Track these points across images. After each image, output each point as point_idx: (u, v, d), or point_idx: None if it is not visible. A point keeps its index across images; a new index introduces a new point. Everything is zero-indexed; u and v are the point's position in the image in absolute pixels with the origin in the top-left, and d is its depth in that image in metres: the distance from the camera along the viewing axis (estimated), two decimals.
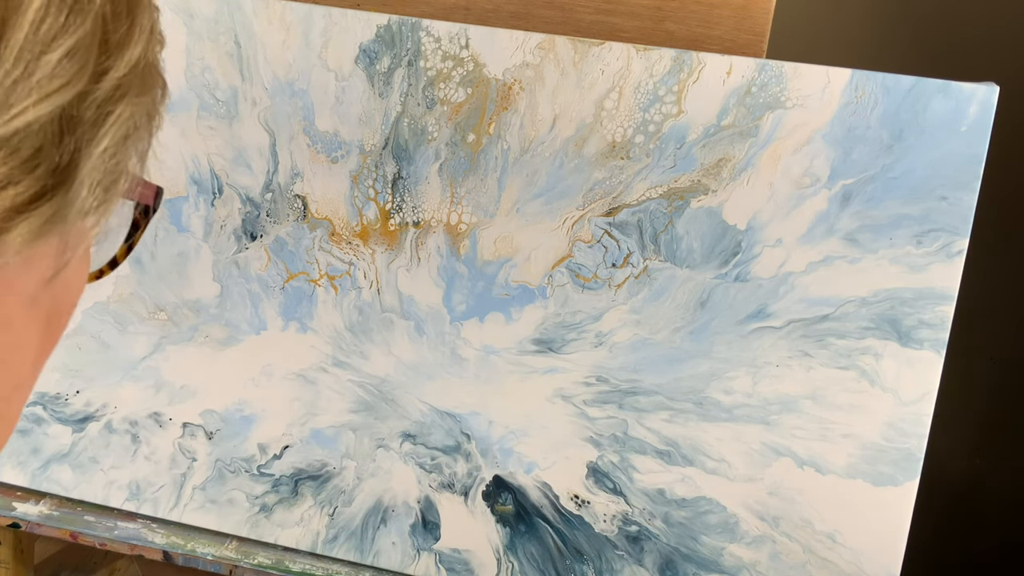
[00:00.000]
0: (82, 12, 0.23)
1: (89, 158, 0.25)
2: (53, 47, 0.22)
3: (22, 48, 0.22)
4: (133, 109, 0.26)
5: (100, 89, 0.24)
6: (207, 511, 0.83)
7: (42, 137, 0.23)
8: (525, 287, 0.77)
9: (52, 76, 0.22)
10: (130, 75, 0.26)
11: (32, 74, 0.22)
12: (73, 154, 0.24)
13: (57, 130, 0.23)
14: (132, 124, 0.26)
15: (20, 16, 0.22)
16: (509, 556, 0.79)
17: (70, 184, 0.24)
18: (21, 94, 0.22)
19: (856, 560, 0.73)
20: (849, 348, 0.72)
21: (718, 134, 0.71)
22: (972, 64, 1.29)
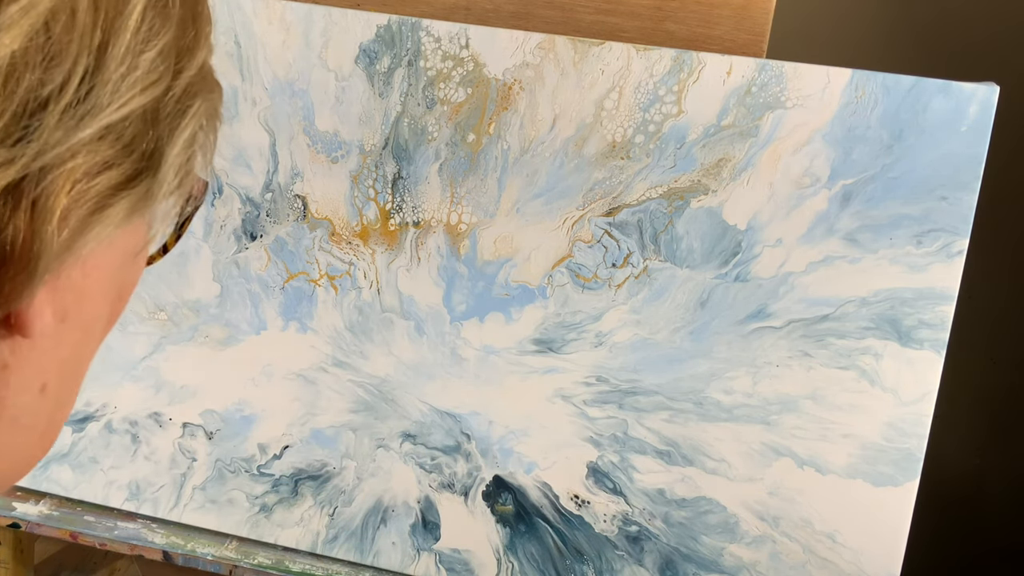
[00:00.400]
0: (168, 19, 0.27)
1: (174, 146, 0.28)
2: (148, 48, 0.26)
3: (127, 49, 0.25)
4: (205, 105, 0.30)
5: (178, 86, 0.28)
6: (207, 511, 0.83)
7: (138, 125, 0.26)
8: (525, 287, 0.77)
9: (148, 72, 0.26)
10: (198, 75, 0.29)
11: (134, 70, 0.26)
12: (160, 141, 0.28)
13: (149, 120, 0.27)
14: (204, 118, 0.30)
15: (125, 21, 0.25)
16: (509, 556, 0.78)
17: (158, 167, 0.28)
18: (126, 87, 0.25)
19: (856, 560, 0.73)
20: (849, 348, 0.72)
21: (718, 134, 0.71)
22: (972, 64, 1.29)
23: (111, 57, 0.25)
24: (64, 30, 0.24)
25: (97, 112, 0.25)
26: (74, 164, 0.25)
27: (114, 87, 0.25)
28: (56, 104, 0.24)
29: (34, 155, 0.24)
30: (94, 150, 0.25)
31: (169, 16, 0.27)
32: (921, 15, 1.31)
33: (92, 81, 0.25)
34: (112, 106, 0.25)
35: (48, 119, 0.24)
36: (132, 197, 0.27)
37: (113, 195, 0.26)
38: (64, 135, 0.24)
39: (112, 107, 0.25)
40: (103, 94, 0.25)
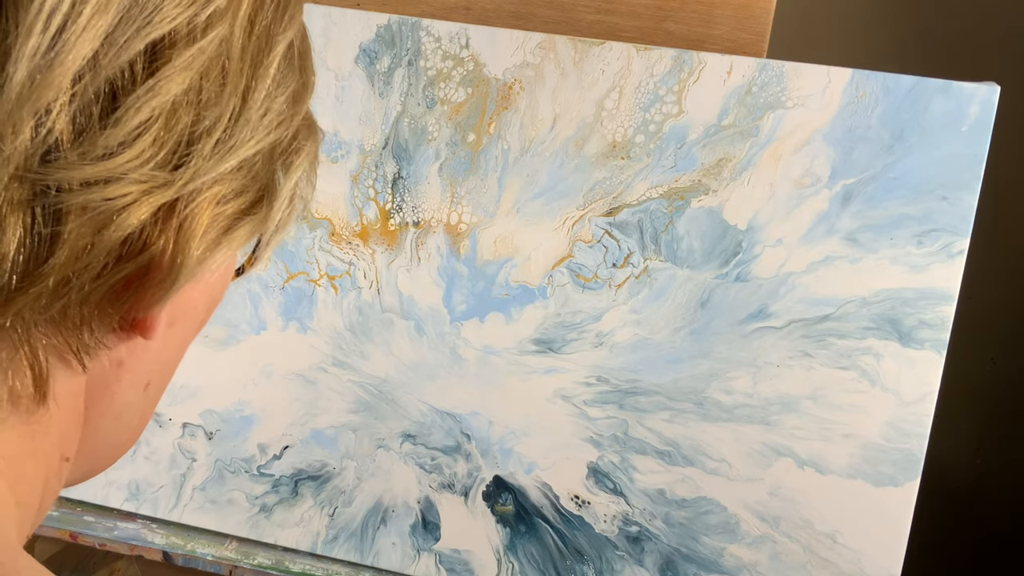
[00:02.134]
0: (293, 70, 0.32)
1: (289, 180, 0.33)
2: (280, 93, 0.31)
3: (266, 95, 0.30)
4: (313, 146, 0.35)
5: (292, 128, 0.32)
6: (207, 511, 0.82)
7: (263, 160, 0.31)
8: (525, 287, 0.77)
9: (278, 115, 0.31)
10: (306, 120, 0.34)
11: (269, 112, 0.30)
12: (276, 175, 0.32)
13: (270, 157, 0.31)
14: (312, 157, 0.35)
15: (266, 70, 0.30)
16: (509, 556, 0.78)
17: (275, 198, 0.32)
18: (262, 128, 0.30)
19: (856, 560, 0.73)
20: (850, 348, 0.72)
21: (718, 134, 0.71)
22: (973, 64, 1.29)
23: (253, 100, 0.29)
24: (218, 77, 0.28)
25: (239, 147, 0.29)
26: (215, 191, 0.29)
27: (253, 127, 0.29)
28: (208, 138, 0.28)
29: (187, 180, 0.27)
30: (232, 179, 0.29)
31: (294, 67, 0.32)
32: (922, 15, 1.31)
33: (237, 121, 0.29)
34: (250, 143, 0.29)
35: (201, 150, 0.28)
36: (253, 223, 0.31)
37: (239, 219, 0.30)
38: (213, 165, 0.28)
39: (250, 144, 0.29)
40: (244, 132, 0.29)
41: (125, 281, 0.28)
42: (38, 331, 0.27)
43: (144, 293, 0.28)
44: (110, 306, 0.28)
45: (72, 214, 0.25)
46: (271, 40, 0.30)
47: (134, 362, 0.32)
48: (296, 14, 0.31)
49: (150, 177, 0.26)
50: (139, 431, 0.37)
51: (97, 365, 0.31)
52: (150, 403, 0.36)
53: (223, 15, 0.27)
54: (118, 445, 0.36)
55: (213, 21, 0.27)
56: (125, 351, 0.32)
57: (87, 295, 0.27)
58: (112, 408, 0.33)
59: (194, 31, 0.26)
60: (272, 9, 0.30)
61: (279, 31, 0.30)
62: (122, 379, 0.32)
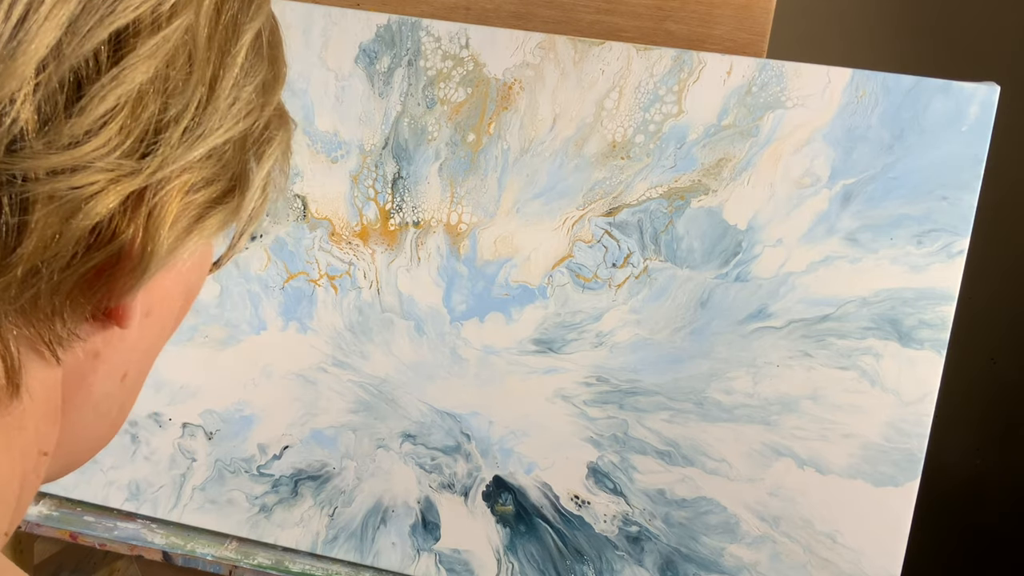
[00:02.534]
0: (262, 59, 0.32)
1: (261, 169, 0.33)
2: (248, 82, 0.31)
3: (234, 83, 0.30)
4: (285, 136, 0.35)
5: (264, 117, 0.32)
6: (207, 511, 0.82)
7: (233, 149, 0.31)
8: (525, 287, 0.77)
9: (247, 103, 0.31)
10: (277, 110, 0.34)
11: (237, 101, 0.30)
12: (248, 164, 0.32)
13: (241, 145, 0.31)
14: (284, 147, 0.35)
15: (233, 59, 0.30)
16: (509, 556, 0.78)
17: (247, 187, 0.32)
18: (231, 116, 0.30)
19: (856, 560, 0.73)
20: (850, 348, 0.72)
21: (718, 134, 0.71)
22: (973, 64, 1.29)
23: (221, 89, 0.29)
24: (184, 65, 0.28)
25: (207, 135, 0.29)
26: (184, 179, 0.29)
27: (221, 115, 0.29)
28: (176, 126, 0.28)
29: (155, 168, 0.27)
30: (201, 167, 0.29)
31: (263, 57, 0.32)
32: (922, 15, 1.31)
33: (205, 109, 0.29)
34: (219, 131, 0.29)
35: (169, 139, 0.28)
36: (224, 212, 0.31)
37: (211, 208, 0.30)
38: (181, 153, 0.28)
39: (219, 132, 0.29)
40: (213, 120, 0.29)
41: (96, 270, 0.28)
42: (8, 322, 0.27)
43: (115, 282, 0.29)
44: (81, 296, 0.28)
45: (39, 203, 0.25)
46: (238, 29, 0.30)
47: (110, 352, 0.32)
48: (263, 4, 0.32)
49: (117, 166, 0.26)
50: (119, 423, 0.37)
51: (72, 357, 0.31)
52: (129, 394, 0.36)
53: (188, 4, 0.27)
54: (98, 437, 0.36)
55: (177, 10, 0.27)
56: (101, 342, 0.32)
57: (57, 285, 0.27)
58: (90, 400, 0.33)
59: (159, 19, 0.26)
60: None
61: (246, 20, 0.30)
62: (99, 370, 0.32)
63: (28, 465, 0.32)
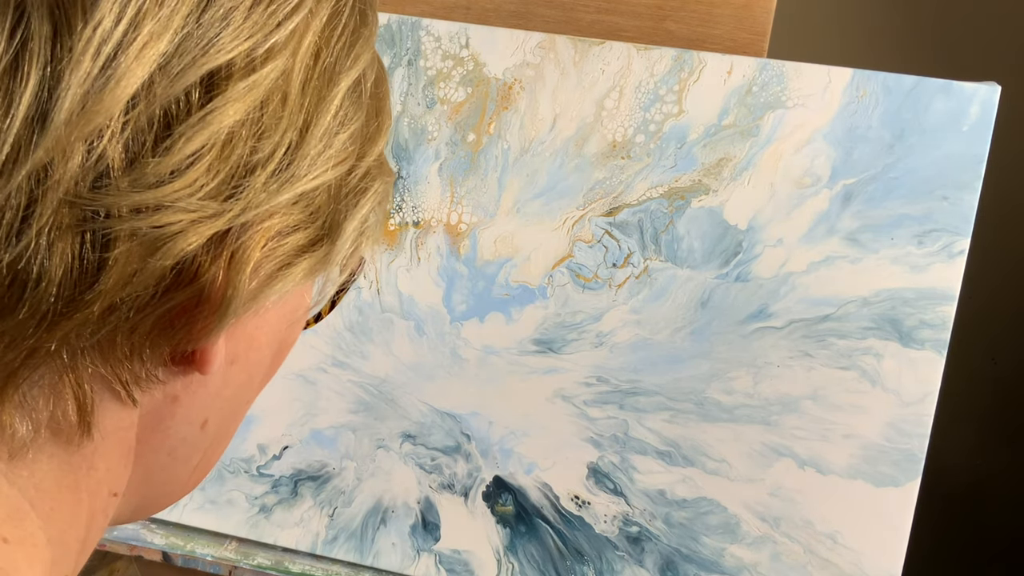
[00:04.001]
0: (360, 108, 0.31)
1: (352, 219, 0.32)
2: (343, 130, 0.30)
3: (326, 130, 0.29)
4: (382, 188, 0.34)
5: (361, 167, 0.32)
6: (206, 512, 0.82)
7: (324, 197, 0.30)
8: (525, 287, 0.76)
9: (340, 151, 0.30)
10: (377, 161, 0.33)
11: (329, 148, 0.30)
12: (340, 214, 0.31)
13: (334, 194, 0.31)
14: (380, 199, 0.34)
15: (327, 105, 0.29)
16: (509, 557, 0.78)
17: (337, 236, 0.32)
18: (321, 162, 0.29)
19: (857, 561, 0.73)
20: (850, 348, 0.72)
21: (719, 134, 0.71)
22: (973, 64, 1.29)
23: (312, 135, 0.29)
24: (276, 109, 0.27)
25: (295, 181, 0.28)
26: (270, 223, 0.28)
27: (311, 161, 0.29)
28: (263, 170, 0.27)
29: (239, 211, 0.27)
30: (288, 213, 0.29)
31: (361, 106, 0.31)
32: (922, 15, 1.30)
33: (294, 154, 0.28)
34: (308, 177, 0.29)
35: (255, 182, 0.27)
36: (312, 260, 0.31)
37: (298, 255, 0.30)
38: (266, 198, 0.28)
39: (308, 178, 0.29)
40: (302, 166, 0.29)
41: (175, 311, 0.28)
42: (84, 359, 0.27)
43: (195, 324, 0.28)
44: (160, 336, 0.28)
45: (120, 240, 0.25)
46: (335, 77, 0.29)
47: (190, 398, 0.32)
48: (362, 54, 0.31)
49: (200, 207, 0.26)
50: (203, 470, 0.36)
51: (149, 399, 0.31)
52: (213, 442, 0.35)
53: (284, 48, 0.27)
54: (174, 482, 0.35)
55: (273, 54, 0.27)
56: (180, 386, 0.31)
57: (136, 323, 0.27)
58: (165, 444, 0.32)
59: (253, 62, 0.26)
60: (338, 47, 0.30)
61: (344, 68, 0.30)
62: (177, 415, 0.32)
63: (97, 505, 0.31)
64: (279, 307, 0.33)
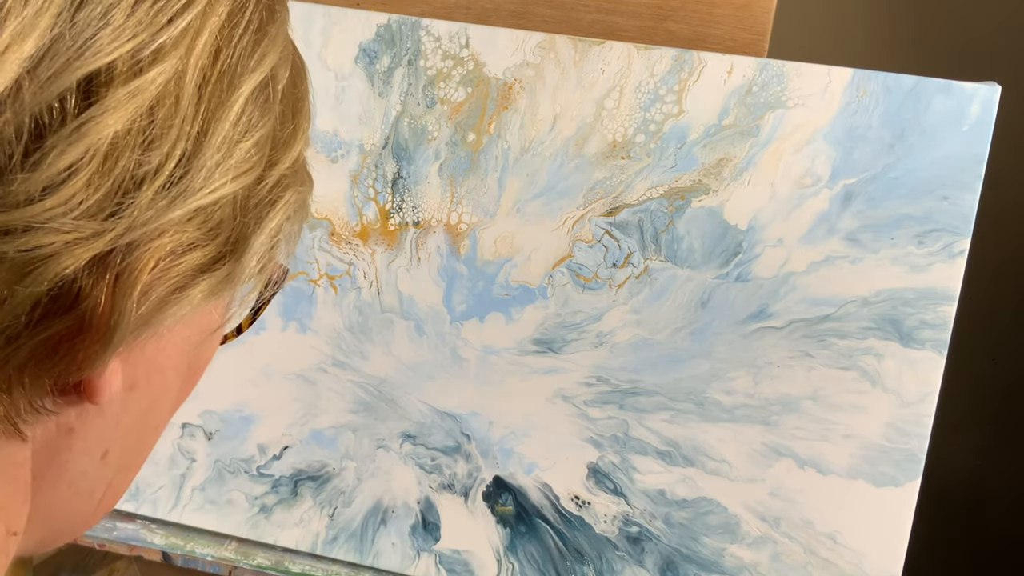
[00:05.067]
0: (268, 112, 0.28)
1: (260, 234, 0.29)
2: (245, 139, 0.27)
3: (224, 138, 0.26)
4: (295, 198, 0.31)
5: (271, 177, 0.29)
6: (206, 512, 0.82)
7: (227, 211, 0.27)
8: (525, 287, 0.76)
9: (242, 161, 0.27)
10: (291, 168, 0.31)
11: (229, 158, 0.27)
12: (246, 228, 0.29)
13: (239, 207, 0.28)
14: (294, 209, 0.31)
15: (226, 111, 0.26)
16: (509, 557, 0.78)
17: (242, 253, 0.29)
18: (219, 174, 0.26)
19: (857, 561, 0.73)
20: (850, 348, 0.71)
21: (719, 134, 0.71)
22: (974, 63, 1.29)
23: (208, 145, 0.26)
24: (167, 116, 0.25)
25: (188, 196, 0.26)
26: (160, 243, 0.26)
27: (207, 173, 0.26)
28: (150, 185, 0.25)
29: (123, 230, 0.24)
30: (181, 231, 0.26)
31: (270, 110, 0.28)
32: (922, 15, 1.30)
33: (187, 166, 0.25)
34: (203, 191, 0.26)
35: (141, 198, 0.24)
36: (213, 280, 0.28)
37: (195, 276, 0.27)
38: (154, 215, 0.25)
39: (203, 192, 0.26)
40: (196, 179, 0.26)
41: (55, 339, 0.25)
42: None
43: (78, 353, 0.25)
44: (39, 368, 0.25)
45: None
46: (236, 79, 0.27)
47: (85, 428, 0.29)
48: (270, 52, 0.28)
49: (76, 227, 0.23)
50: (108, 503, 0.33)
51: (42, 431, 0.28)
52: (118, 474, 0.32)
53: (174, 49, 0.24)
54: (78, 513, 0.32)
55: (161, 56, 0.24)
56: (74, 416, 0.29)
57: (8, 355, 0.24)
58: (64, 478, 0.30)
59: (139, 65, 0.24)
60: (240, 46, 0.27)
61: (247, 70, 0.27)
62: (73, 447, 0.29)
63: None
64: (183, 328, 0.30)
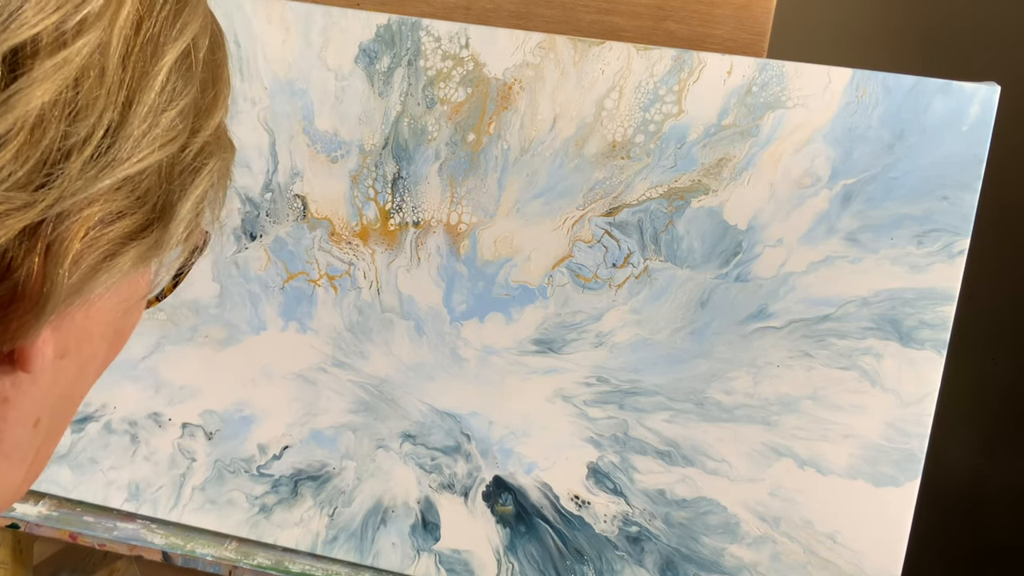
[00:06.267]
0: (191, 81, 0.29)
1: (186, 200, 0.30)
2: (170, 107, 0.28)
3: (150, 107, 0.27)
4: (219, 164, 0.32)
5: (194, 144, 0.30)
6: (206, 512, 0.82)
7: (153, 179, 0.28)
8: (525, 287, 0.76)
9: (168, 130, 0.28)
10: (213, 135, 0.31)
11: (155, 127, 0.27)
12: (172, 196, 0.29)
13: (164, 175, 0.29)
14: (217, 176, 0.32)
15: (151, 81, 0.27)
16: (509, 557, 0.78)
17: (169, 220, 0.29)
18: (146, 143, 0.27)
19: (857, 561, 0.73)
20: (850, 348, 0.72)
21: (719, 134, 0.71)
22: (973, 64, 1.29)
23: (135, 114, 0.27)
24: (93, 86, 0.25)
25: (116, 165, 0.26)
26: (90, 212, 0.26)
27: (135, 142, 0.27)
28: (79, 155, 0.25)
29: (53, 201, 0.25)
30: (110, 200, 0.27)
31: (192, 78, 0.29)
32: (922, 15, 1.30)
33: (114, 136, 0.26)
34: (131, 160, 0.27)
35: (70, 168, 0.25)
36: (142, 247, 0.28)
37: (124, 243, 0.28)
38: (83, 184, 0.25)
39: (131, 161, 0.27)
40: (124, 148, 0.26)
41: None
42: None
43: (10, 322, 0.26)
44: None
45: None
46: (160, 49, 0.27)
47: (20, 397, 0.30)
48: (191, 20, 0.29)
49: (6, 198, 0.24)
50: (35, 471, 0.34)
51: None
52: (45, 441, 0.33)
53: (98, 20, 0.25)
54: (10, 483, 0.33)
55: (85, 27, 0.24)
56: (8, 386, 0.29)
57: None
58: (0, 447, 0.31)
59: (63, 37, 0.24)
60: (163, 15, 0.27)
61: (170, 39, 0.28)
62: (8, 417, 0.30)
63: None
64: (112, 295, 0.30)
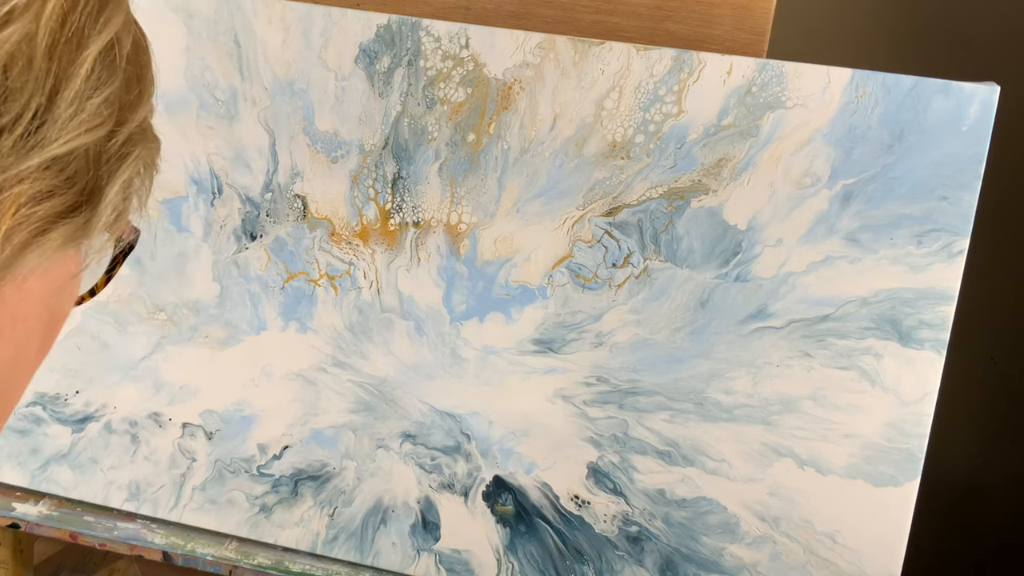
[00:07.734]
0: (115, 73, 0.31)
1: (113, 185, 0.32)
2: (95, 95, 0.30)
3: (76, 94, 0.29)
4: (144, 154, 0.34)
5: (120, 134, 0.32)
6: (207, 511, 0.82)
7: (81, 162, 0.30)
8: (525, 287, 0.76)
9: (93, 116, 0.30)
10: (139, 128, 0.33)
11: (81, 112, 0.29)
12: (100, 180, 0.31)
13: (92, 159, 0.31)
14: (142, 165, 0.34)
15: (76, 69, 0.29)
16: (509, 556, 0.78)
17: (97, 202, 0.31)
18: (72, 127, 0.29)
19: (857, 560, 0.73)
20: (850, 348, 0.72)
21: (718, 134, 0.71)
22: (973, 64, 1.29)
23: (61, 99, 0.29)
24: (21, 72, 0.27)
25: (45, 145, 0.28)
26: (20, 189, 0.28)
27: (62, 125, 0.29)
28: (9, 135, 0.27)
29: None
30: (39, 179, 0.28)
31: (116, 71, 0.31)
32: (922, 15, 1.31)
33: (43, 118, 0.28)
34: (59, 141, 0.28)
35: (1, 147, 0.27)
36: (71, 226, 0.30)
37: (54, 222, 0.29)
38: (14, 161, 0.27)
39: (59, 142, 0.29)
40: (52, 130, 0.28)
41: None
42: None
43: None
44: None
45: None
46: (84, 41, 0.29)
47: None
48: (114, 17, 0.31)
49: None
50: None
51: None
52: None
53: (25, 12, 0.27)
54: None
55: (13, 17, 0.27)
56: None
57: None
58: None
59: None
60: (87, 11, 0.30)
61: (93, 32, 0.30)
62: None
63: None
64: (43, 275, 0.32)
